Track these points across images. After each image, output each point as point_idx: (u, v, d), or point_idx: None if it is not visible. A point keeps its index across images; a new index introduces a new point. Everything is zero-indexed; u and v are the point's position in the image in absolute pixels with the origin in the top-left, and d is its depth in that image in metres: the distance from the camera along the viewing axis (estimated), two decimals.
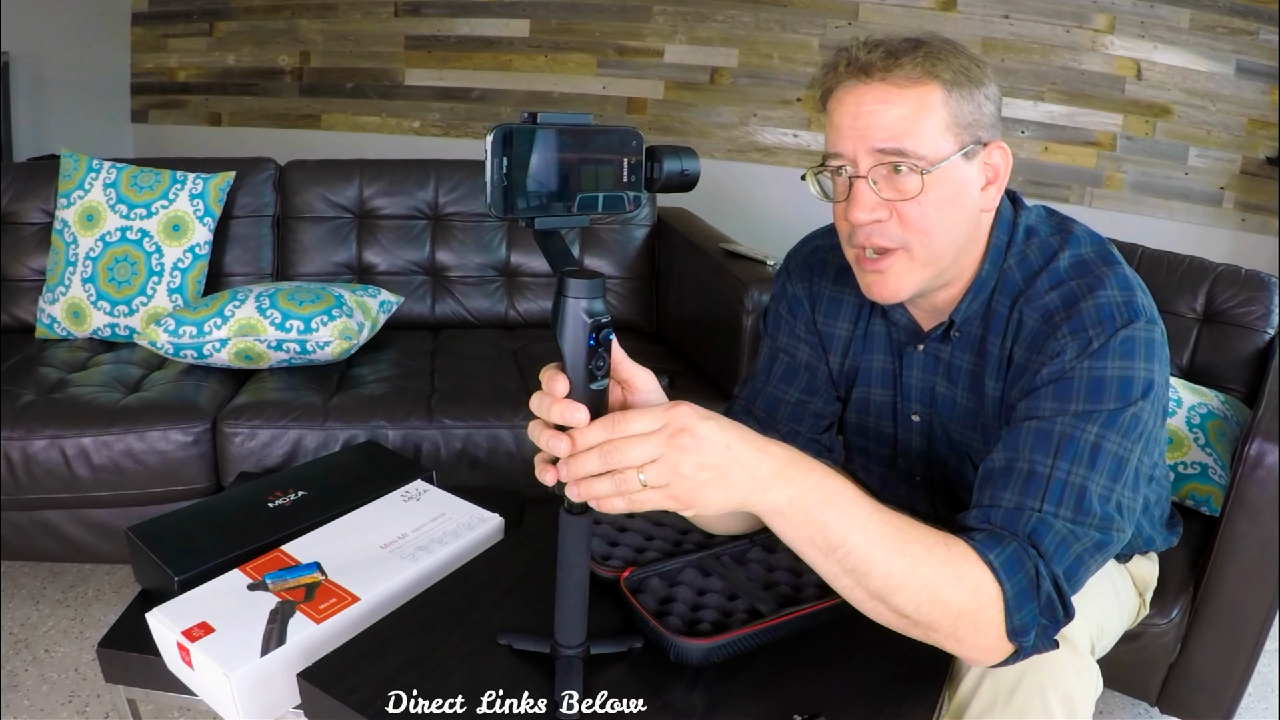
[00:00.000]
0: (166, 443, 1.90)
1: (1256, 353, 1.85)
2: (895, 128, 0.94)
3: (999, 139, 1.01)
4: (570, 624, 0.86)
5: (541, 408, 0.74)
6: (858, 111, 0.96)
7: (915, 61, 0.94)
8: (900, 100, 0.94)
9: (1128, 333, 0.93)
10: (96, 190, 2.35)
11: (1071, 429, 0.92)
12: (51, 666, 1.86)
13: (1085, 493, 0.90)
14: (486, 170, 0.67)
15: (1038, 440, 0.92)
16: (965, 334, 1.08)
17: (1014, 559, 0.85)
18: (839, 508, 0.80)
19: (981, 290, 1.05)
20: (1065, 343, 0.95)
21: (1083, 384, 0.93)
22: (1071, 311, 0.96)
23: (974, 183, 0.99)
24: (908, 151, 0.94)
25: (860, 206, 0.97)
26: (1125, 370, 0.93)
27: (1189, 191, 3.25)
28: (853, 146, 0.96)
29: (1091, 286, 0.97)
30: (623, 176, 0.74)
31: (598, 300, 0.71)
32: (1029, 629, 0.84)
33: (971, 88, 0.96)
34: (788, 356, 1.21)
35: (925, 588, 0.81)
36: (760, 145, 3.54)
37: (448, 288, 2.64)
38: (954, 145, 0.96)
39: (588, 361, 0.72)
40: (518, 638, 0.94)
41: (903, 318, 1.12)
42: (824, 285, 1.20)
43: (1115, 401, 0.92)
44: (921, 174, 0.95)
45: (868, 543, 0.80)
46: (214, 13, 3.88)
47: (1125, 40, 3.19)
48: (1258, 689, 1.87)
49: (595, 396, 0.74)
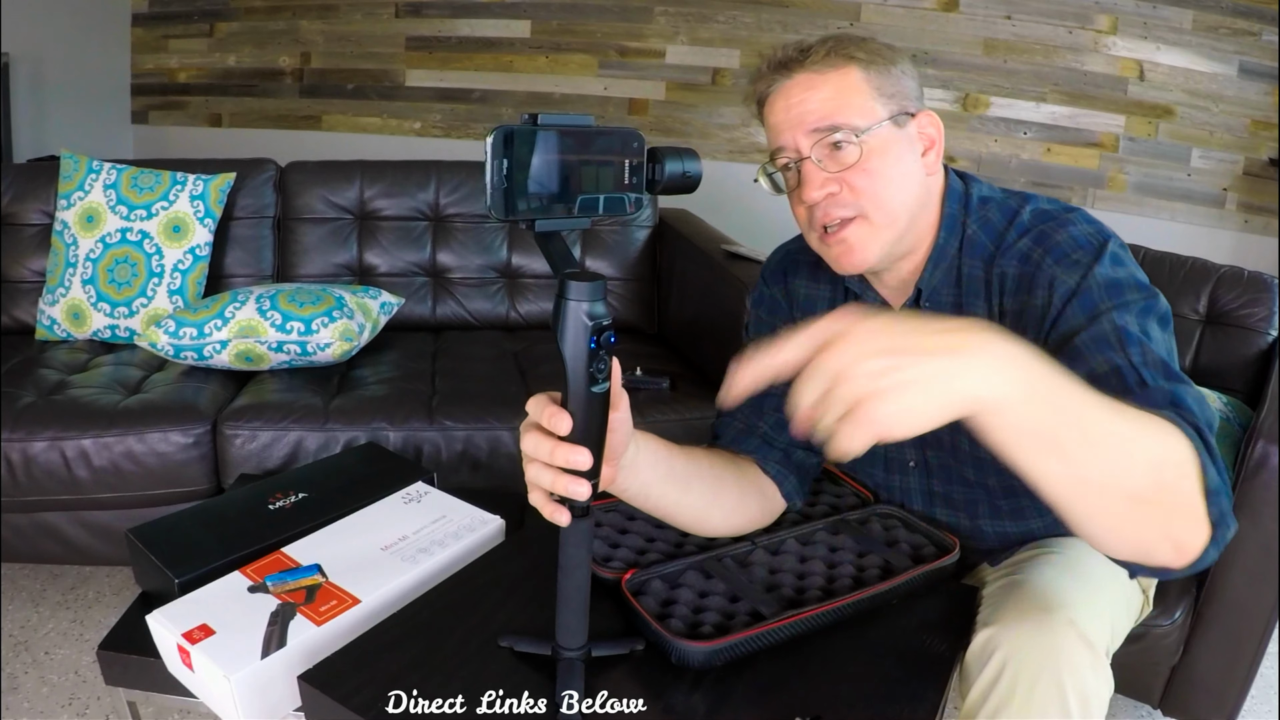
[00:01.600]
0: (167, 444, 1.89)
1: (1259, 354, 1.85)
2: (824, 108, 1.02)
3: (926, 109, 1.08)
4: (572, 626, 0.86)
5: (541, 450, 0.76)
6: (788, 104, 1.04)
7: (826, 49, 1.03)
8: (823, 84, 1.03)
9: (1110, 249, 1.00)
10: (96, 191, 2.35)
11: (1117, 321, 0.93)
12: (51, 669, 1.86)
13: (1167, 364, 0.90)
14: (487, 172, 0.67)
15: (1096, 345, 0.93)
16: (935, 303, 1.11)
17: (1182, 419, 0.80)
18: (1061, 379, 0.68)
19: (942, 258, 1.10)
20: (1054, 271, 1.00)
21: (1100, 287, 0.97)
22: (1048, 245, 1.02)
23: (912, 148, 1.06)
24: (840, 124, 1.02)
25: (811, 185, 1.04)
26: (1128, 273, 0.99)
27: (1191, 193, 3.25)
28: (791, 136, 1.05)
29: (1061, 224, 1.04)
30: (624, 178, 0.74)
31: (599, 302, 0.71)
32: (1221, 491, 0.78)
33: (886, 65, 1.05)
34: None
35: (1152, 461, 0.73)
36: (762, 146, 3.52)
37: (449, 289, 2.63)
38: (882, 114, 1.03)
39: (589, 364, 0.72)
40: (519, 640, 0.93)
41: (874, 298, 1.16)
42: (799, 283, 1.24)
43: (1137, 294, 0.96)
44: (859, 140, 1.02)
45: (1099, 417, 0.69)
46: (214, 13, 3.88)
47: (1128, 41, 3.19)
48: (1260, 691, 1.87)
49: (597, 400, 0.73)
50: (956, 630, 0.99)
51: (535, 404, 0.78)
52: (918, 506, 1.22)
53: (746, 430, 1.18)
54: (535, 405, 0.77)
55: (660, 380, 2.14)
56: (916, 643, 0.97)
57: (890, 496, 1.25)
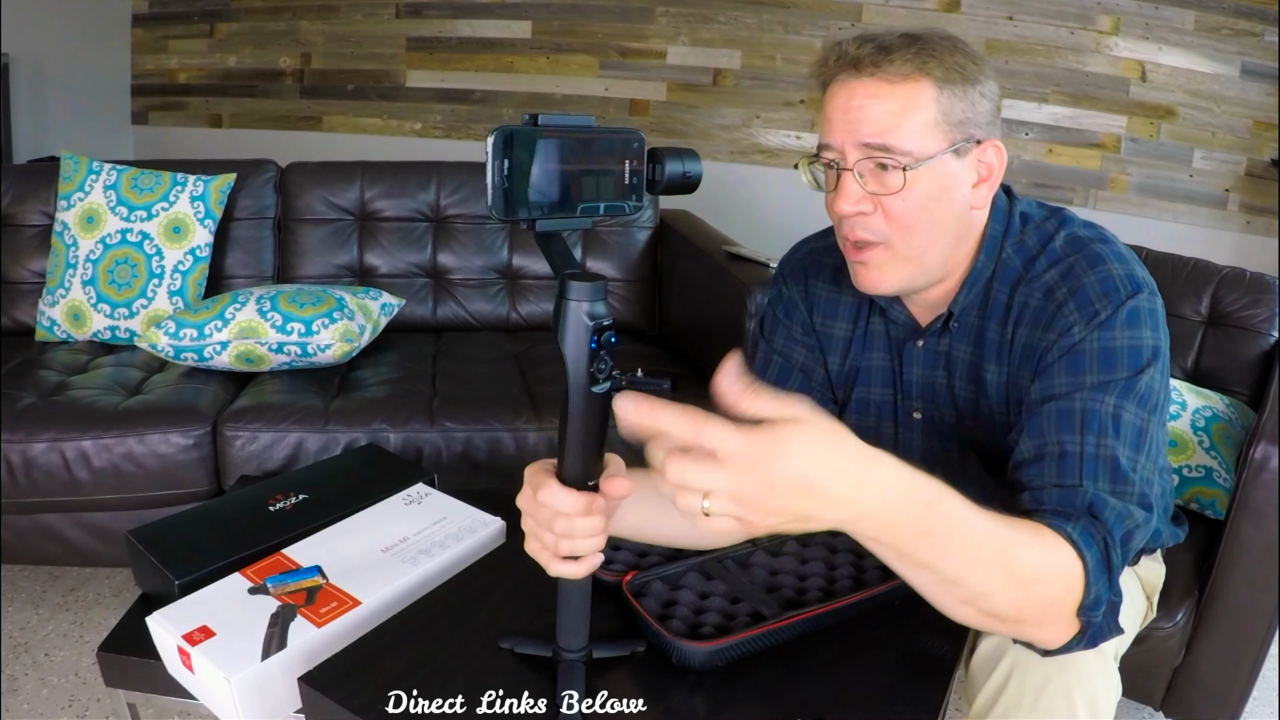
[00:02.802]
0: (167, 446, 1.89)
1: (1261, 355, 1.84)
2: (882, 123, 0.95)
3: (996, 137, 1.01)
4: (572, 628, 0.86)
5: (547, 540, 0.80)
6: (848, 105, 0.97)
7: (906, 58, 0.95)
8: (890, 95, 0.95)
9: (1133, 304, 0.95)
10: (97, 192, 2.35)
11: (1089, 402, 0.92)
12: (51, 670, 1.85)
13: (1116, 463, 0.90)
14: (488, 173, 0.67)
15: (1060, 421, 0.93)
16: (963, 324, 1.08)
17: (1087, 532, 0.85)
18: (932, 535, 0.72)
19: (978, 281, 1.06)
20: (1073, 318, 0.96)
21: (1093, 355, 0.94)
22: (1074, 286, 0.98)
23: (963, 180, 1.00)
24: (892, 147, 0.95)
25: (845, 198, 0.98)
26: (1133, 340, 0.94)
27: (1193, 194, 3.25)
28: (841, 139, 0.98)
29: (1091, 261, 0.98)
30: (624, 179, 0.74)
31: (599, 303, 0.71)
32: (1099, 604, 0.83)
33: (965, 85, 0.97)
34: (782, 359, 1.21)
35: (1020, 586, 0.78)
36: (763, 147, 3.54)
37: (449, 290, 2.63)
38: (943, 143, 0.97)
39: (589, 364, 0.72)
40: (520, 642, 0.93)
41: (901, 315, 1.13)
42: (820, 286, 1.20)
43: (1126, 370, 0.93)
44: (905, 170, 0.95)
45: (966, 561, 0.75)
46: (215, 14, 3.88)
47: (1129, 42, 3.19)
48: (1262, 693, 1.86)
49: (597, 400, 0.73)
50: (957, 632, 0.99)
51: (532, 479, 0.81)
52: None
53: None
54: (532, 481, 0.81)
55: (661, 381, 2.13)
56: (917, 644, 0.97)
57: None
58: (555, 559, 0.81)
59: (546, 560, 0.81)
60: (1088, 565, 0.82)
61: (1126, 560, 0.88)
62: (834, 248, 1.19)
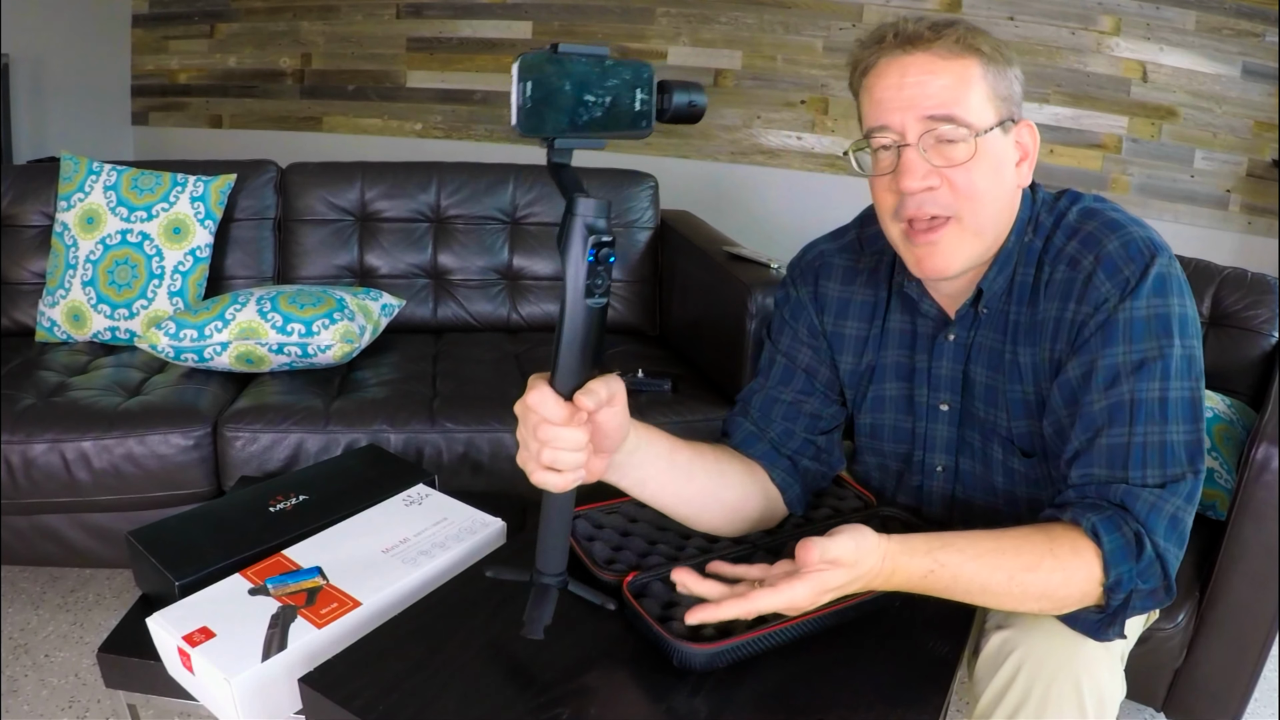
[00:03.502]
0: (167, 446, 1.89)
1: (1262, 356, 1.84)
2: (943, 95, 0.96)
3: (1026, 119, 1.04)
4: (551, 551, 0.88)
5: (531, 447, 0.84)
6: (902, 82, 0.97)
7: (956, 35, 0.97)
8: (945, 71, 0.97)
9: (1157, 270, 0.97)
10: (97, 193, 2.35)
11: (1136, 393, 0.95)
12: (51, 671, 1.85)
13: (1165, 446, 0.93)
14: (512, 95, 0.72)
15: (1112, 415, 0.95)
16: (991, 311, 1.08)
17: (1111, 521, 0.90)
18: (936, 590, 0.90)
19: (1008, 261, 1.06)
20: (1105, 289, 0.98)
21: (1127, 326, 0.96)
22: (1100, 255, 0.99)
23: (1010, 157, 1.02)
24: (957, 118, 0.96)
25: (912, 174, 0.97)
26: (1163, 308, 0.96)
27: (1195, 194, 3.24)
28: (900, 116, 0.97)
29: (1110, 226, 1.01)
30: (635, 104, 0.78)
31: (602, 219, 0.75)
32: (1122, 587, 0.89)
33: (1004, 65, 1.00)
34: (786, 359, 1.21)
35: (1037, 600, 0.90)
36: (764, 148, 3.53)
37: (450, 291, 2.63)
38: (995, 117, 0.99)
39: (588, 276, 0.75)
40: (502, 569, 0.98)
41: (932, 308, 1.12)
42: (830, 287, 1.20)
43: (1165, 339, 0.95)
44: (975, 138, 0.97)
45: (975, 597, 0.90)
46: (215, 14, 3.88)
47: (1131, 42, 3.18)
48: (1263, 694, 1.86)
49: (592, 314, 0.77)
50: (959, 632, 0.99)
51: (530, 384, 0.85)
52: (935, 510, 1.21)
53: (757, 434, 1.17)
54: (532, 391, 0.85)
55: (662, 382, 2.14)
56: (919, 644, 0.97)
57: (908, 499, 1.24)
58: (539, 468, 0.82)
59: (531, 469, 0.83)
60: (1105, 549, 0.88)
61: (1182, 543, 0.94)
62: (847, 248, 1.19)
